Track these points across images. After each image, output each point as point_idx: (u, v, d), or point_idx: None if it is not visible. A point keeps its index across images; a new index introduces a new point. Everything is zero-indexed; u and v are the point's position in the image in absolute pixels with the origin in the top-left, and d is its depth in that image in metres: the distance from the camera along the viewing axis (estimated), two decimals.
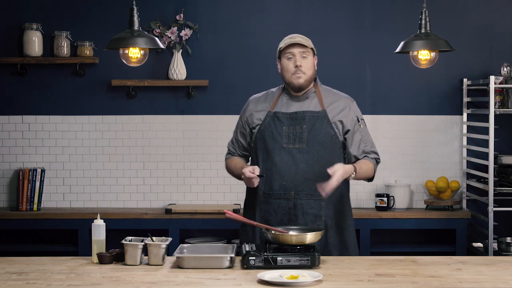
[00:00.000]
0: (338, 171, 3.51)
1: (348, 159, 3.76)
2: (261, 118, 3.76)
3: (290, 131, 3.69)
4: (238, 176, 3.82)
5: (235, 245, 3.46)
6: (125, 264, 3.33)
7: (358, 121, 3.78)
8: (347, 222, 3.80)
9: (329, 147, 3.69)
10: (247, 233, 3.79)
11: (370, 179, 3.81)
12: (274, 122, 3.72)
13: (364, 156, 3.76)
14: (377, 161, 3.81)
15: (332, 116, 3.72)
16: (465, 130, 5.67)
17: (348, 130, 3.74)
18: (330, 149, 3.69)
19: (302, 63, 3.70)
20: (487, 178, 5.22)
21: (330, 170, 3.52)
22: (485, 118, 5.29)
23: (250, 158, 3.90)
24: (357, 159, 3.74)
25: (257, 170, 3.61)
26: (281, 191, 3.67)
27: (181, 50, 5.56)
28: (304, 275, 3.02)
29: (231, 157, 3.91)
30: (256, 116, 3.78)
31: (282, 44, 3.77)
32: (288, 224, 3.64)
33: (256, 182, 3.63)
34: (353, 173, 3.61)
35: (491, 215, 5.16)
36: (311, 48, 3.75)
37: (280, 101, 3.78)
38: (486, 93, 5.38)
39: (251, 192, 3.79)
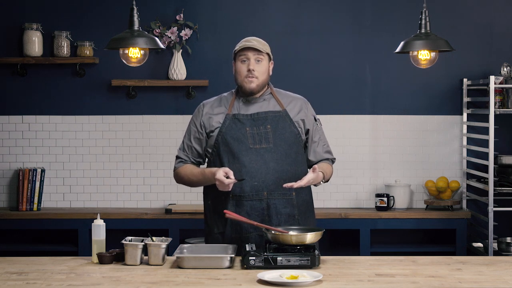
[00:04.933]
0: (310, 175, 3.52)
1: (307, 157, 3.77)
2: (219, 121, 3.68)
3: (254, 132, 3.65)
4: (197, 183, 3.71)
5: (235, 245, 3.46)
6: (125, 264, 3.33)
7: (315, 120, 3.79)
8: (312, 221, 3.78)
9: (294, 146, 3.68)
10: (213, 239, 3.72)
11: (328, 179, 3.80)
12: (235, 124, 3.66)
13: (325, 159, 3.78)
14: (332, 161, 3.84)
15: (293, 116, 3.72)
16: (465, 130, 5.67)
17: (308, 130, 3.75)
18: (295, 148, 3.68)
19: (255, 67, 3.66)
20: (487, 178, 5.22)
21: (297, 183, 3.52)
22: (485, 118, 5.29)
23: (206, 164, 3.77)
24: (317, 159, 3.76)
25: (230, 173, 3.51)
26: (253, 192, 3.60)
27: (181, 50, 5.56)
28: (304, 275, 3.03)
29: (183, 165, 3.76)
30: (214, 119, 3.70)
31: (237, 47, 3.72)
32: None
33: (232, 186, 3.53)
34: (322, 182, 3.65)
35: (491, 215, 5.16)
36: (267, 53, 3.71)
37: (236, 104, 3.73)
38: (486, 93, 5.38)
39: (217, 195, 3.66)
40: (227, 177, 3.50)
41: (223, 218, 3.62)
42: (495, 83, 5.18)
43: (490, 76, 5.15)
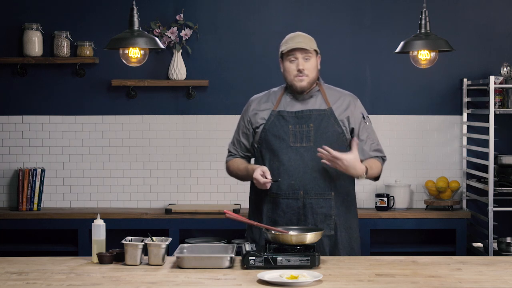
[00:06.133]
0: (350, 154, 3.51)
1: None
2: (265, 117, 3.72)
3: (297, 130, 3.66)
4: (243, 177, 3.80)
5: (235, 245, 3.46)
6: (125, 264, 3.33)
7: (364, 118, 3.77)
8: (354, 221, 3.78)
9: (336, 145, 3.64)
10: (253, 234, 3.76)
11: (376, 178, 3.77)
12: (279, 121, 3.69)
13: (375, 157, 3.75)
14: (383, 159, 3.80)
15: (339, 114, 3.71)
16: (465, 130, 5.67)
17: (353, 128, 3.73)
18: (337, 147, 3.62)
19: (305, 66, 3.67)
20: (487, 178, 5.22)
21: (354, 143, 3.55)
22: (485, 118, 5.29)
23: (254, 159, 3.85)
24: (364, 158, 3.71)
25: (267, 173, 3.58)
26: (290, 190, 3.63)
27: (181, 50, 5.56)
28: (304, 275, 3.03)
29: (232, 158, 3.86)
30: (259, 115, 3.74)
31: (284, 48, 3.71)
32: (297, 224, 3.61)
33: (269, 185, 3.60)
34: (363, 175, 3.60)
35: (491, 215, 5.16)
36: (314, 50, 3.71)
37: (283, 100, 3.75)
38: (486, 93, 5.38)
39: (258, 191, 3.73)
40: (265, 177, 3.56)
41: (261, 212, 3.68)
42: (495, 83, 5.18)
43: (490, 76, 5.15)
